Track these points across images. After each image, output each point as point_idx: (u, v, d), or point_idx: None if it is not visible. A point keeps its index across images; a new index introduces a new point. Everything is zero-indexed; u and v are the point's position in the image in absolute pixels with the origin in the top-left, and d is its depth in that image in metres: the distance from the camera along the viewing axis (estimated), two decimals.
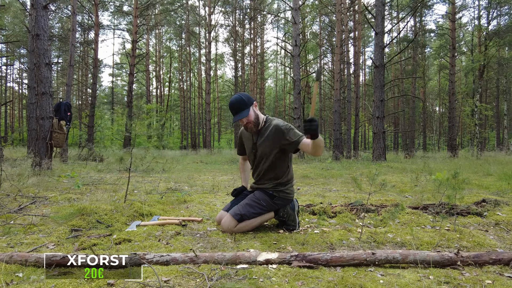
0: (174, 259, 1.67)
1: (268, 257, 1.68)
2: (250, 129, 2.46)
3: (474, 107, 16.92)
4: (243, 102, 2.39)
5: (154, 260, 1.66)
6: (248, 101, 2.41)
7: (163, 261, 1.67)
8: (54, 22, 25.59)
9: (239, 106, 2.39)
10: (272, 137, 2.42)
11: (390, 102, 27.68)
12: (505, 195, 3.94)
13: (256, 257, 1.68)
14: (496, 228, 2.44)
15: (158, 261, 1.66)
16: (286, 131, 2.35)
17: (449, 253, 1.67)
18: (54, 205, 3.22)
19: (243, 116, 2.37)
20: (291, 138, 2.33)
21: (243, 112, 2.38)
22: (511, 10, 19.87)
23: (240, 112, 2.38)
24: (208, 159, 13.90)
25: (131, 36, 19.87)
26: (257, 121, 2.45)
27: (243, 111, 2.38)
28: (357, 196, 3.94)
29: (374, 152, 11.44)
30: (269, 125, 2.46)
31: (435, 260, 1.63)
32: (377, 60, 11.33)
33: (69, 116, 8.06)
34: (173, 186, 4.75)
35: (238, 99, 2.40)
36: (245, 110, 2.39)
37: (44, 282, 1.44)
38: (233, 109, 2.41)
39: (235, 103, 2.39)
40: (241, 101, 2.39)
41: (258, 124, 2.46)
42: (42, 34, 6.21)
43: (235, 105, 2.39)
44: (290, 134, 2.34)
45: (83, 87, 30.56)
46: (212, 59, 27.88)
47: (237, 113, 2.39)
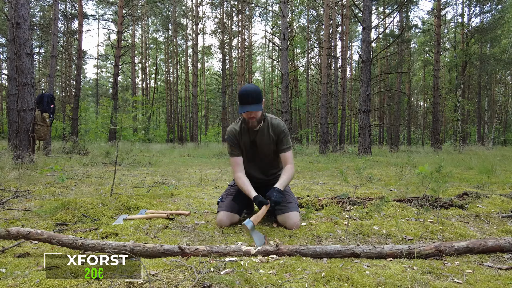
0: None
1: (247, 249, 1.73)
2: (252, 124, 2.33)
3: (457, 102, 17.33)
4: (259, 94, 2.24)
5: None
6: (261, 95, 2.28)
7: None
8: (35, 10, 24.75)
9: (255, 96, 2.22)
10: (272, 136, 2.43)
11: (376, 96, 28.05)
12: (485, 188, 4.07)
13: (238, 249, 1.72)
14: (477, 219, 2.52)
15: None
16: (283, 135, 2.42)
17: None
18: (38, 199, 3.15)
19: (258, 109, 2.24)
20: (284, 144, 2.43)
21: (258, 106, 2.24)
22: (492, 8, 20.32)
23: (255, 104, 2.23)
24: (195, 152, 13.82)
25: (117, 26, 19.42)
26: (261, 119, 2.38)
27: (258, 104, 2.24)
28: (343, 189, 4.00)
29: (360, 146, 11.60)
30: (269, 124, 2.43)
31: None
32: (364, 54, 11.43)
33: (52, 108, 7.85)
34: (160, 180, 4.71)
35: (256, 89, 2.24)
36: (259, 104, 2.25)
37: (28, 277, 1.42)
38: (249, 98, 2.21)
39: (253, 93, 2.21)
40: (258, 92, 2.23)
41: (260, 121, 2.39)
42: (23, 22, 6.00)
43: (253, 94, 2.21)
44: (284, 140, 2.43)
45: (67, 79, 29.81)
46: (199, 52, 27.57)
47: (251, 103, 2.22)
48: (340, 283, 1.38)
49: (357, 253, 1.68)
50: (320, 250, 1.70)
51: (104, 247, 1.65)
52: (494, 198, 3.10)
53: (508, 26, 21.90)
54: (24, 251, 1.77)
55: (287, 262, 1.61)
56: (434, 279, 1.44)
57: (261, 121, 2.38)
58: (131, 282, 1.37)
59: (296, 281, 1.40)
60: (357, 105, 13.46)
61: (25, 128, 6.00)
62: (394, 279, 1.41)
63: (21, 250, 1.80)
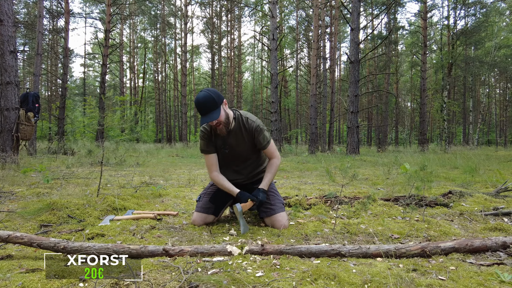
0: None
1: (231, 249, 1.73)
2: (220, 130, 2.21)
3: (443, 103, 17.64)
4: (213, 101, 2.09)
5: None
6: (218, 99, 2.11)
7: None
8: (19, 7, 24.19)
9: (208, 105, 2.08)
10: (245, 137, 2.33)
11: (364, 97, 28.38)
12: (469, 186, 4.16)
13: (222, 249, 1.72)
14: (461, 218, 2.58)
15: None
16: (257, 133, 2.30)
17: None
18: (21, 201, 3.08)
19: (214, 118, 2.10)
20: (260, 142, 2.32)
21: (214, 113, 2.10)
22: (476, 11, 20.78)
23: (210, 113, 2.10)
24: (184, 152, 13.73)
25: (104, 25, 19.15)
26: (228, 121, 2.22)
27: (213, 112, 2.10)
28: (331, 189, 4.03)
29: (348, 146, 11.72)
30: (240, 123, 2.31)
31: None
32: (352, 55, 11.54)
33: (37, 108, 7.69)
34: (147, 180, 4.67)
35: (207, 96, 2.09)
36: (216, 110, 2.11)
37: (10, 280, 1.38)
38: (202, 109, 2.09)
39: (203, 102, 2.08)
40: (210, 100, 2.08)
41: (229, 124, 2.23)
42: (6, 19, 5.86)
43: (204, 104, 2.08)
44: (260, 137, 2.31)
45: (53, 78, 29.25)
46: (188, 51, 27.41)
47: (206, 113, 2.09)
48: (327, 282, 1.39)
49: (342, 253, 1.69)
50: (306, 250, 1.70)
51: (88, 249, 1.62)
52: (478, 197, 3.18)
53: (492, 29, 22.45)
54: (7, 254, 1.73)
55: (274, 261, 1.62)
56: (419, 276, 1.46)
57: (228, 123, 2.23)
58: (116, 283, 1.35)
59: (284, 280, 1.40)
60: (346, 105, 13.59)
61: (9, 128, 5.86)
62: (380, 277, 1.42)
63: (3, 252, 1.76)
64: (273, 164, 2.37)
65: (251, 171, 2.49)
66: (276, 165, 2.38)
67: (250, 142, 2.34)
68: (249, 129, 2.30)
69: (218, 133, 2.25)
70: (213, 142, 2.34)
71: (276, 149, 2.41)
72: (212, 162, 2.35)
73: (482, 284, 1.37)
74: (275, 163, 2.38)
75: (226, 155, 2.38)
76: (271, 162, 2.38)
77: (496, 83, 35.85)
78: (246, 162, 2.44)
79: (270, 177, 2.33)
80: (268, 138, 2.34)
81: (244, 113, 2.36)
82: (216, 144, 2.36)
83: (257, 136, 2.30)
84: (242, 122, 2.31)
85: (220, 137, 2.33)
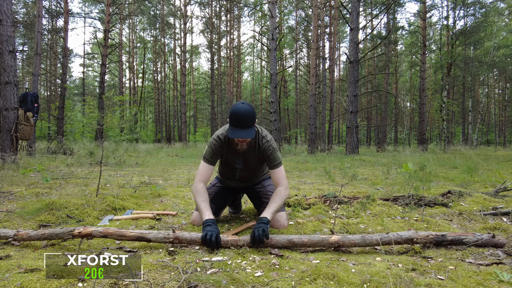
0: None
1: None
2: (241, 147, 2.15)
3: (442, 103, 17.66)
4: (253, 119, 2.00)
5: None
6: (255, 117, 2.03)
7: None
8: (18, 7, 24.14)
9: (247, 122, 1.98)
10: (257, 154, 2.29)
11: (364, 97, 28.39)
12: (468, 186, 4.16)
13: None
14: (460, 217, 2.58)
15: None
16: (269, 152, 2.21)
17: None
18: (20, 201, 3.07)
19: (249, 136, 2.00)
20: (271, 161, 2.23)
21: (250, 131, 2.01)
22: (476, 11, 20.80)
23: (246, 129, 2.00)
24: (183, 152, 13.72)
25: (103, 25, 19.12)
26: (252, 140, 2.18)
27: (249, 129, 2.01)
28: (331, 189, 4.03)
29: (347, 146, 11.72)
30: (257, 141, 2.24)
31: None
32: (351, 55, 11.54)
33: (36, 108, 7.69)
34: (147, 180, 4.66)
35: (249, 112, 1.98)
36: (252, 128, 2.02)
37: (9, 280, 1.38)
38: (240, 122, 1.98)
39: (245, 116, 1.97)
40: (251, 116, 1.99)
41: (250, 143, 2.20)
42: (5, 19, 5.86)
43: (245, 118, 1.97)
44: (271, 157, 2.21)
45: (52, 78, 29.21)
46: (187, 51, 27.41)
47: (242, 128, 1.99)
48: (326, 281, 1.39)
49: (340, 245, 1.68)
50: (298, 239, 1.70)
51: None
52: (477, 197, 3.18)
53: (491, 29, 22.47)
54: (5, 254, 1.72)
55: (273, 261, 1.62)
56: (418, 276, 1.46)
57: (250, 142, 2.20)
58: (115, 282, 1.35)
59: (283, 280, 1.40)
60: (345, 105, 13.59)
61: (8, 128, 5.85)
62: (379, 277, 1.42)
63: (2, 252, 1.76)
64: (280, 194, 2.13)
65: (253, 177, 2.52)
66: (283, 195, 2.14)
67: (260, 159, 2.32)
68: (263, 147, 2.23)
69: (238, 148, 2.17)
70: (219, 154, 2.27)
71: (285, 177, 2.24)
72: (205, 171, 2.22)
73: (481, 283, 1.37)
74: (282, 193, 2.14)
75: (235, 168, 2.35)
76: (277, 190, 2.16)
77: (495, 83, 35.89)
78: (250, 171, 2.44)
79: (276, 207, 2.07)
80: (279, 160, 2.24)
81: (261, 129, 2.27)
82: (227, 159, 2.31)
83: (269, 155, 2.21)
84: (258, 140, 2.24)
85: (234, 153, 2.26)
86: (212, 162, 2.23)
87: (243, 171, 2.38)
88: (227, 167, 2.40)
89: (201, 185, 2.16)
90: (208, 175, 2.22)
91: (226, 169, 2.42)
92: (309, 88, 17.12)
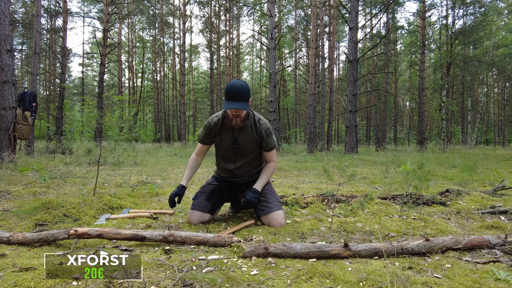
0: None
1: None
2: (236, 123, 2.25)
3: (442, 102, 17.65)
4: (247, 93, 2.15)
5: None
6: (249, 94, 2.18)
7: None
8: (17, 6, 24.09)
9: (241, 95, 2.12)
10: (255, 135, 2.35)
11: (363, 96, 28.41)
12: (467, 185, 4.16)
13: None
14: (458, 216, 2.57)
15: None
16: (266, 135, 2.35)
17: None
18: (17, 200, 3.06)
19: (244, 108, 2.14)
20: (267, 144, 2.39)
21: (243, 104, 2.14)
22: (475, 10, 20.79)
23: (242, 102, 2.13)
24: (182, 152, 13.71)
25: (102, 24, 19.10)
26: (245, 117, 2.29)
27: (245, 102, 2.15)
28: (329, 188, 4.03)
29: (346, 145, 11.71)
30: (253, 122, 2.35)
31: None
32: (350, 55, 11.54)
33: (34, 107, 7.67)
34: (145, 179, 4.65)
35: (244, 86, 2.14)
36: (246, 102, 2.15)
37: (3, 278, 1.37)
38: (235, 95, 2.11)
39: (239, 89, 2.10)
40: (245, 91, 2.13)
41: (245, 120, 2.31)
42: (3, 18, 5.84)
43: (239, 91, 2.10)
44: (268, 140, 2.37)
45: (51, 77, 29.18)
46: (186, 50, 27.38)
47: (238, 100, 2.12)
48: (322, 280, 1.38)
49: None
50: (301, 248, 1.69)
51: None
52: (475, 195, 3.18)
53: (490, 29, 22.47)
54: (1, 253, 1.71)
55: (269, 260, 1.61)
56: (414, 274, 1.46)
57: (245, 120, 2.30)
58: (110, 281, 1.34)
59: (279, 278, 1.39)
60: (344, 104, 13.59)
61: (5, 127, 5.84)
62: (375, 275, 1.42)
63: None
64: (270, 167, 2.45)
65: (249, 170, 2.50)
66: (273, 168, 2.47)
67: (256, 141, 2.38)
68: (259, 129, 2.34)
69: (233, 124, 2.26)
70: (213, 136, 2.40)
71: (275, 155, 2.52)
72: (202, 150, 2.49)
73: (478, 281, 1.37)
74: (272, 166, 2.47)
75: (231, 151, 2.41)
76: (268, 164, 2.47)
77: (494, 83, 35.89)
78: (247, 159, 2.44)
79: (265, 179, 2.40)
80: (274, 143, 2.43)
81: (257, 113, 2.41)
82: (221, 140, 2.39)
83: (265, 138, 2.36)
84: (254, 121, 2.36)
85: (229, 133, 2.35)
86: (206, 142, 2.45)
87: (240, 156, 2.41)
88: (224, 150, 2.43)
89: (194, 156, 2.50)
90: (203, 151, 2.50)
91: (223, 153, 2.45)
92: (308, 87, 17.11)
